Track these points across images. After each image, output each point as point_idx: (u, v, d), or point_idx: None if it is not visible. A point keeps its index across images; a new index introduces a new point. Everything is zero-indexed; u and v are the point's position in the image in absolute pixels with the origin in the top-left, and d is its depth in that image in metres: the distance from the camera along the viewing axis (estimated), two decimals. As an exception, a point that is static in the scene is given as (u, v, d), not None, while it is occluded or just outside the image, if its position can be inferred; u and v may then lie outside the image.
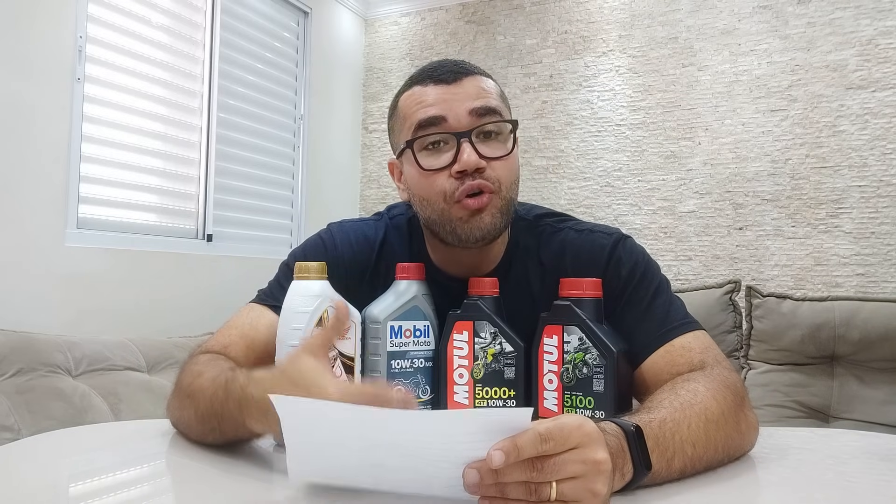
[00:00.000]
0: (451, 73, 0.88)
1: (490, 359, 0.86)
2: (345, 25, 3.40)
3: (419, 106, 0.88)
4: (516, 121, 0.90)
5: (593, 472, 0.53)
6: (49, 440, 0.90)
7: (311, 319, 0.78)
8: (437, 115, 0.86)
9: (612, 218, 2.92)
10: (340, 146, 3.36)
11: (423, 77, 0.90)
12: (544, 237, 0.95)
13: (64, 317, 2.02)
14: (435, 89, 0.88)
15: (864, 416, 1.92)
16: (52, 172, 2.03)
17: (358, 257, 0.96)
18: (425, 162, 0.87)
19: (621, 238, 0.93)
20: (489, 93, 0.89)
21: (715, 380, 0.77)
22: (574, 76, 3.04)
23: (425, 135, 0.87)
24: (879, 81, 2.52)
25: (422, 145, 0.87)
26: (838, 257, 2.56)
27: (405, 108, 0.90)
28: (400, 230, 0.99)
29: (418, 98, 0.88)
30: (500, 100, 0.91)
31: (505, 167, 0.88)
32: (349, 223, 1.01)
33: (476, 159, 0.84)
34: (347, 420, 0.55)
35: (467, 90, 0.87)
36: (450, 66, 0.89)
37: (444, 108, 0.86)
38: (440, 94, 0.87)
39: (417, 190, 0.90)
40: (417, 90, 0.89)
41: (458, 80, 0.88)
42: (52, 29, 2.03)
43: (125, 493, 0.68)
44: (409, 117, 0.89)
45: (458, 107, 0.86)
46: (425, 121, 0.86)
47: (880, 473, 0.76)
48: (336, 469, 0.59)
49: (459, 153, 0.85)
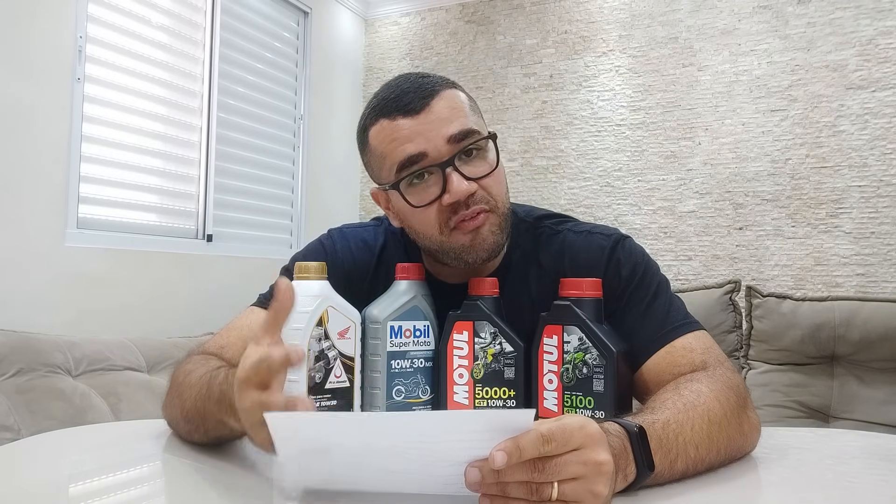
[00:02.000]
0: (418, 98, 0.84)
1: (490, 359, 0.86)
2: (345, 25, 3.40)
3: (394, 143, 0.84)
4: (495, 134, 0.88)
5: (594, 474, 0.53)
6: (49, 440, 0.90)
7: (311, 319, 0.78)
8: (417, 153, 0.83)
9: (612, 218, 2.92)
10: (340, 146, 3.36)
11: (388, 109, 0.85)
12: (543, 239, 0.95)
13: (64, 317, 2.02)
14: (406, 122, 0.83)
15: (864, 416, 1.92)
16: (52, 172, 2.03)
17: (358, 263, 0.97)
18: (414, 199, 0.85)
19: (620, 239, 0.93)
20: (460, 110, 0.85)
21: (718, 381, 0.76)
22: (574, 76, 3.04)
23: (409, 174, 0.84)
24: (879, 81, 2.52)
25: (407, 183, 0.85)
26: (838, 257, 2.56)
27: (379, 146, 0.87)
28: (398, 237, 0.99)
29: (390, 135, 0.85)
30: (473, 113, 0.88)
31: (494, 182, 0.86)
32: (349, 229, 1.01)
33: (465, 187, 0.82)
34: (347, 428, 0.55)
35: (439, 115, 0.83)
36: (414, 92, 0.85)
37: (422, 143, 0.83)
38: (413, 127, 0.83)
39: (411, 223, 0.89)
40: (387, 125, 0.85)
41: (426, 107, 0.84)
42: (52, 29, 2.03)
43: (125, 493, 0.68)
44: (387, 157, 0.86)
45: (435, 137, 0.83)
46: (405, 161, 0.83)
47: (880, 473, 0.76)
48: (335, 475, 0.59)
49: (448, 184, 0.82)
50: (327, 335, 0.80)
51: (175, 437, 0.85)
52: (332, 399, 0.80)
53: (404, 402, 0.87)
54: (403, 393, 0.87)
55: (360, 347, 0.84)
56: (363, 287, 0.95)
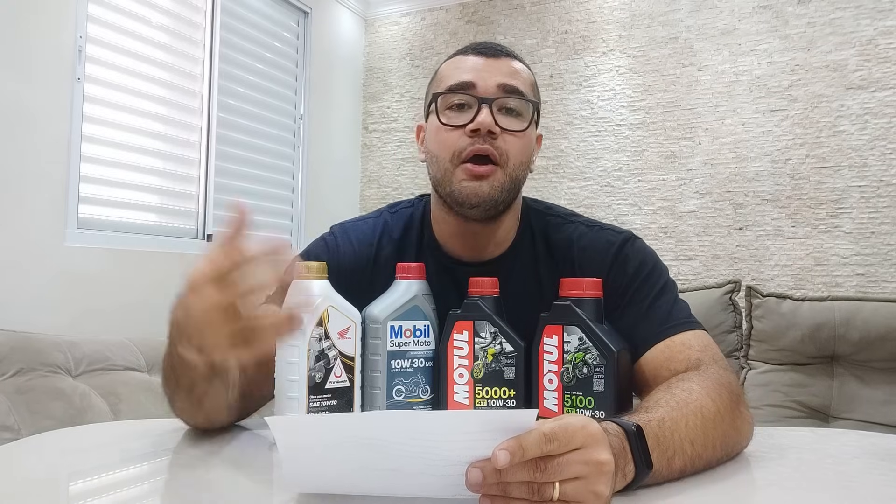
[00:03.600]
0: (493, 49, 0.94)
1: (490, 358, 0.86)
2: (345, 25, 3.40)
3: (457, 71, 0.93)
4: (538, 102, 0.95)
5: (596, 473, 0.54)
6: (49, 440, 0.90)
7: (312, 319, 0.78)
8: (468, 81, 0.91)
9: (612, 218, 2.92)
10: (340, 146, 3.36)
11: (466, 49, 0.96)
12: (552, 227, 0.98)
13: (64, 317, 2.02)
14: (474, 59, 0.93)
15: (864, 416, 1.92)
16: (52, 172, 2.03)
17: (359, 255, 0.98)
18: (445, 117, 0.92)
19: (630, 238, 0.95)
20: (522, 76, 0.94)
21: (709, 378, 0.77)
22: (574, 76, 3.04)
23: (452, 93, 0.91)
24: (879, 81, 2.52)
25: (447, 104, 0.92)
26: (838, 257, 2.56)
27: (443, 72, 0.96)
28: (404, 218, 1.02)
29: (458, 64, 0.95)
30: (531, 87, 0.95)
31: (517, 143, 0.91)
32: (350, 223, 1.03)
33: (491, 121, 0.89)
34: (348, 429, 0.55)
35: (502, 67, 0.92)
36: (494, 44, 0.96)
37: (476, 76, 0.91)
38: (476, 63, 0.93)
39: (431, 145, 0.94)
40: (458, 58, 0.96)
41: (497, 56, 0.93)
42: (52, 29, 2.02)
43: (125, 493, 0.68)
44: (445, 78, 0.94)
45: (489, 78, 0.91)
46: (456, 84, 0.91)
47: (880, 473, 0.76)
48: (336, 477, 0.59)
49: (478, 114, 0.89)
50: (327, 335, 0.80)
51: (175, 436, 0.85)
52: (333, 399, 0.80)
53: (404, 401, 0.87)
54: (403, 393, 0.87)
55: (361, 347, 0.84)
56: (365, 277, 0.96)
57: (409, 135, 3.38)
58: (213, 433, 0.86)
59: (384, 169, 3.44)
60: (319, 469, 0.58)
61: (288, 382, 0.79)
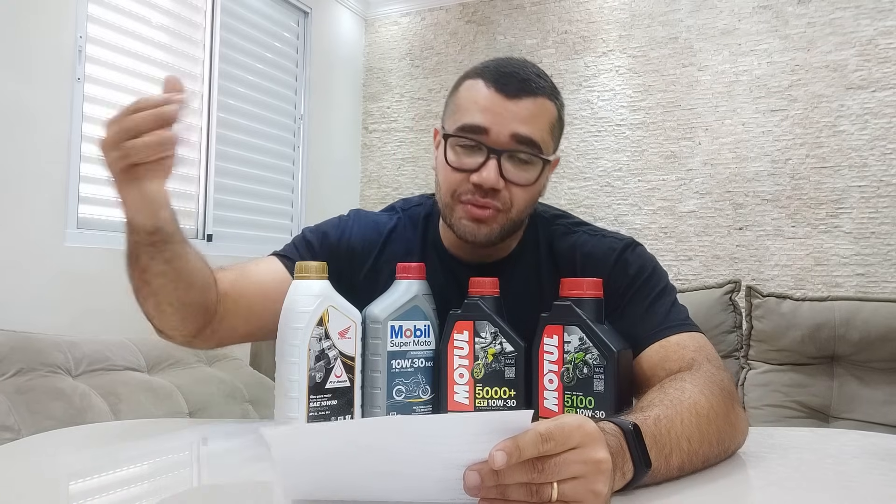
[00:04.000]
0: (518, 88, 0.88)
1: (490, 358, 0.86)
2: (345, 25, 3.40)
3: (474, 106, 0.89)
4: (548, 160, 0.91)
5: (594, 472, 0.53)
6: (49, 440, 0.90)
7: (312, 319, 0.79)
8: (482, 126, 0.88)
9: (612, 218, 2.92)
10: (340, 146, 3.36)
11: (492, 76, 0.90)
12: (558, 234, 0.99)
13: (64, 317, 2.02)
14: (495, 97, 0.88)
15: (864, 416, 1.92)
16: (52, 172, 2.03)
17: (367, 240, 1.00)
18: (452, 158, 0.90)
19: (632, 244, 0.96)
20: (541, 122, 0.90)
21: (702, 377, 0.78)
22: (574, 76, 3.04)
23: (464, 136, 0.89)
24: (879, 81, 2.52)
25: (456, 143, 0.90)
26: (838, 257, 2.56)
27: (463, 99, 0.92)
28: (414, 219, 1.03)
29: (476, 97, 0.90)
30: (551, 132, 0.92)
31: (522, 193, 0.90)
32: (366, 212, 1.06)
33: (494, 180, 0.87)
34: (344, 437, 0.55)
35: (520, 112, 0.88)
36: (520, 77, 0.89)
37: (491, 121, 0.87)
38: (496, 105, 0.88)
39: (438, 173, 0.95)
40: (481, 87, 0.90)
41: (519, 98, 0.88)
42: (52, 29, 2.02)
43: (124, 492, 0.68)
44: (461, 111, 0.91)
45: (504, 125, 0.87)
46: (469, 126, 0.89)
47: (880, 473, 0.76)
48: (334, 484, 0.59)
49: (483, 167, 0.87)
50: (328, 335, 0.80)
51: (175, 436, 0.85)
52: (333, 399, 0.80)
53: (405, 401, 0.87)
54: (404, 393, 0.87)
55: (361, 347, 0.84)
56: (366, 265, 0.98)
57: (409, 135, 3.38)
58: (212, 433, 0.86)
59: (384, 169, 3.44)
60: (318, 477, 0.58)
61: (288, 382, 0.79)
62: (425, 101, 3.35)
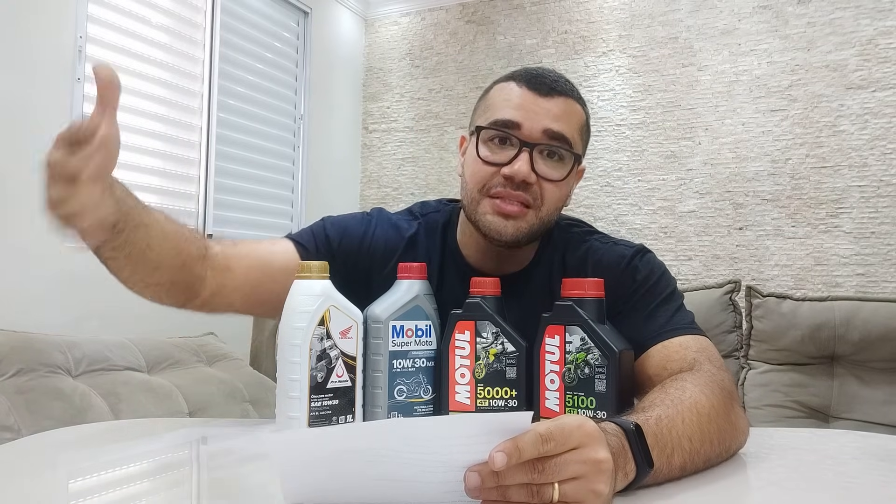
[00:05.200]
0: (548, 85, 0.91)
1: (492, 359, 0.86)
2: (345, 25, 3.40)
3: (506, 103, 0.91)
4: (579, 155, 0.94)
5: (595, 472, 0.53)
6: (48, 439, 0.90)
7: (313, 319, 0.79)
8: (514, 121, 0.90)
9: (612, 218, 2.92)
10: (340, 146, 3.36)
11: (523, 78, 0.93)
12: (572, 244, 1.00)
13: (64, 317, 2.02)
14: (527, 95, 0.91)
15: (864, 416, 1.92)
16: (53, 172, 2.03)
17: (389, 243, 1.00)
18: (483, 152, 0.92)
19: (642, 251, 0.97)
20: (572, 121, 0.92)
21: (702, 377, 0.78)
22: (574, 76, 3.04)
23: (496, 129, 0.91)
24: (879, 81, 2.53)
25: (488, 136, 0.92)
26: (838, 257, 2.56)
27: (493, 98, 0.94)
28: (432, 227, 1.03)
29: (509, 95, 0.92)
30: (578, 131, 0.94)
31: (552, 190, 0.91)
32: (388, 213, 1.06)
33: (526, 172, 0.88)
34: (344, 439, 0.55)
35: (552, 109, 0.90)
36: (550, 79, 0.92)
37: (523, 116, 0.90)
38: (529, 102, 0.90)
39: (467, 171, 0.95)
40: (513, 87, 0.93)
41: (549, 96, 0.91)
42: (52, 29, 2.02)
43: (124, 492, 0.68)
44: (492, 108, 0.93)
45: (536, 120, 0.89)
46: (501, 122, 0.90)
47: (880, 474, 0.76)
48: (335, 487, 0.59)
49: (516, 160, 0.89)
50: (329, 334, 0.80)
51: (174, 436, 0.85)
52: (334, 398, 0.80)
53: (406, 401, 0.87)
54: (405, 392, 0.87)
55: (362, 347, 0.84)
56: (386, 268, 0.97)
57: (410, 135, 3.38)
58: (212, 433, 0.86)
59: (384, 169, 3.44)
60: (318, 480, 0.58)
61: (290, 382, 0.79)
62: (425, 101, 3.35)
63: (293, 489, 0.59)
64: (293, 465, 0.57)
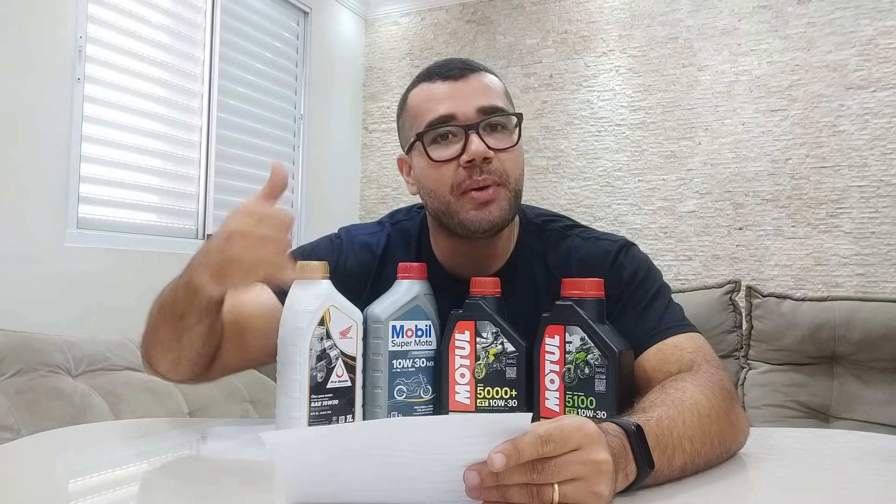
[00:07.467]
0: (458, 69, 0.92)
1: (492, 359, 0.86)
2: (345, 25, 3.40)
3: (430, 103, 0.91)
4: (521, 114, 0.94)
5: (594, 473, 0.53)
6: (48, 439, 0.90)
7: (314, 319, 0.79)
8: (447, 114, 0.89)
9: (612, 218, 2.92)
10: (340, 146, 3.36)
11: (430, 74, 0.93)
12: (551, 241, 0.98)
13: (64, 317, 2.02)
14: (443, 85, 0.91)
15: (864, 416, 1.92)
16: (52, 172, 2.03)
17: (361, 265, 0.99)
18: (435, 153, 0.90)
19: (626, 245, 0.96)
20: (495, 90, 0.93)
21: (702, 377, 0.78)
22: (574, 76, 3.04)
23: (436, 127, 0.90)
24: (879, 81, 2.53)
25: (431, 138, 0.91)
26: (838, 257, 2.56)
27: (415, 105, 0.94)
28: (404, 234, 1.02)
29: (427, 95, 0.92)
30: (505, 97, 0.94)
31: (511, 159, 0.91)
32: (356, 230, 1.04)
33: (484, 149, 0.88)
34: (345, 439, 0.55)
35: (474, 87, 0.91)
36: (457, 64, 0.93)
37: (453, 105, 0.89)
38: (448, 91, 0.91)
39: (426, 182, 0.93)
40: (426, 87, 0.93)
41: (464, 77, 0.91)
42: (52, 29, 2.02)
43: (124, 492, 0.68)
44: (420, 114, 0.92)
45: (466, 104, 0.89)
46: (436, 120, 0.90)
47: (879, 474, 0.76)
48: (335, 487, 0.59)
49: (468, 144, 0.88)
50: (329, 334, 0.80)
51: (175, 436, 0.85)
52: (334, 398, 0.80)
53: (406, 401, 0.87)
54: (405, 392, 0.87)
55: (362, 347, 0.84)
56: (365, 290, 0.96)
57: (409, 135, 3.38)
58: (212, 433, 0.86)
59: (384, 169, 3.44)
60: (318, 479, 0.58)
61: (290, 382, 0.79)
62: (425, 101, 3.35)
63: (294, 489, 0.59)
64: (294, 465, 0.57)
